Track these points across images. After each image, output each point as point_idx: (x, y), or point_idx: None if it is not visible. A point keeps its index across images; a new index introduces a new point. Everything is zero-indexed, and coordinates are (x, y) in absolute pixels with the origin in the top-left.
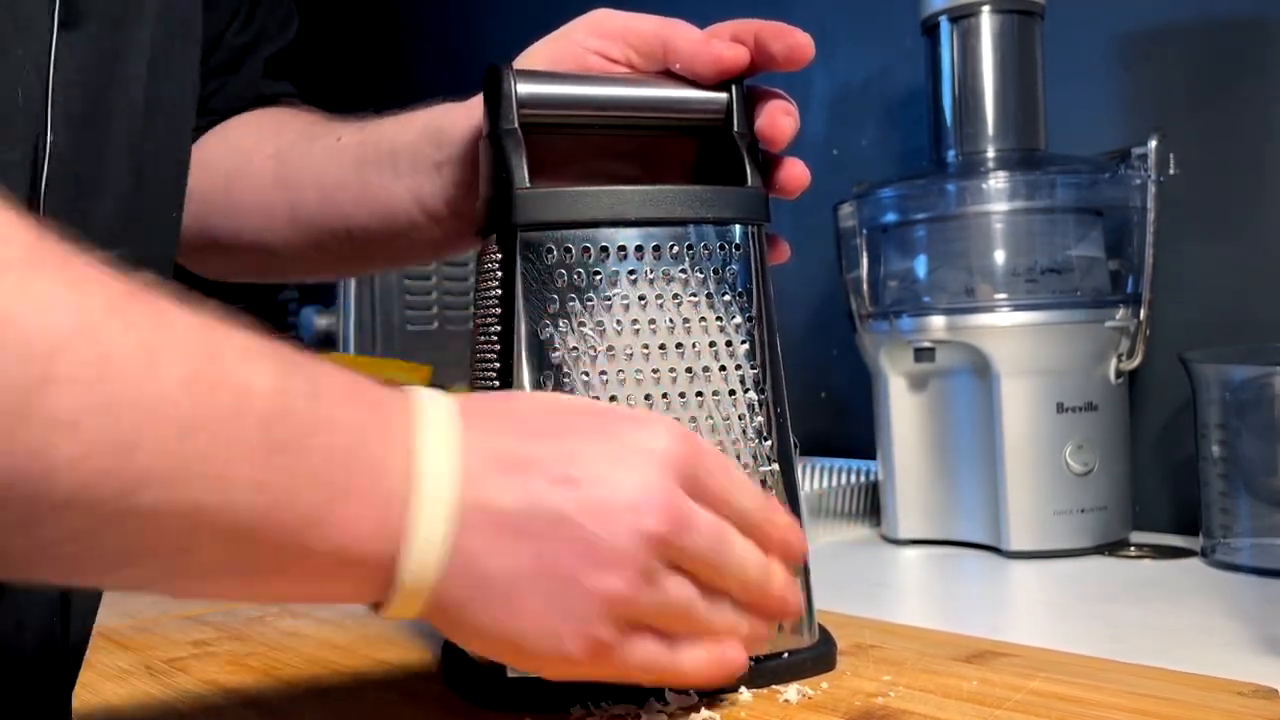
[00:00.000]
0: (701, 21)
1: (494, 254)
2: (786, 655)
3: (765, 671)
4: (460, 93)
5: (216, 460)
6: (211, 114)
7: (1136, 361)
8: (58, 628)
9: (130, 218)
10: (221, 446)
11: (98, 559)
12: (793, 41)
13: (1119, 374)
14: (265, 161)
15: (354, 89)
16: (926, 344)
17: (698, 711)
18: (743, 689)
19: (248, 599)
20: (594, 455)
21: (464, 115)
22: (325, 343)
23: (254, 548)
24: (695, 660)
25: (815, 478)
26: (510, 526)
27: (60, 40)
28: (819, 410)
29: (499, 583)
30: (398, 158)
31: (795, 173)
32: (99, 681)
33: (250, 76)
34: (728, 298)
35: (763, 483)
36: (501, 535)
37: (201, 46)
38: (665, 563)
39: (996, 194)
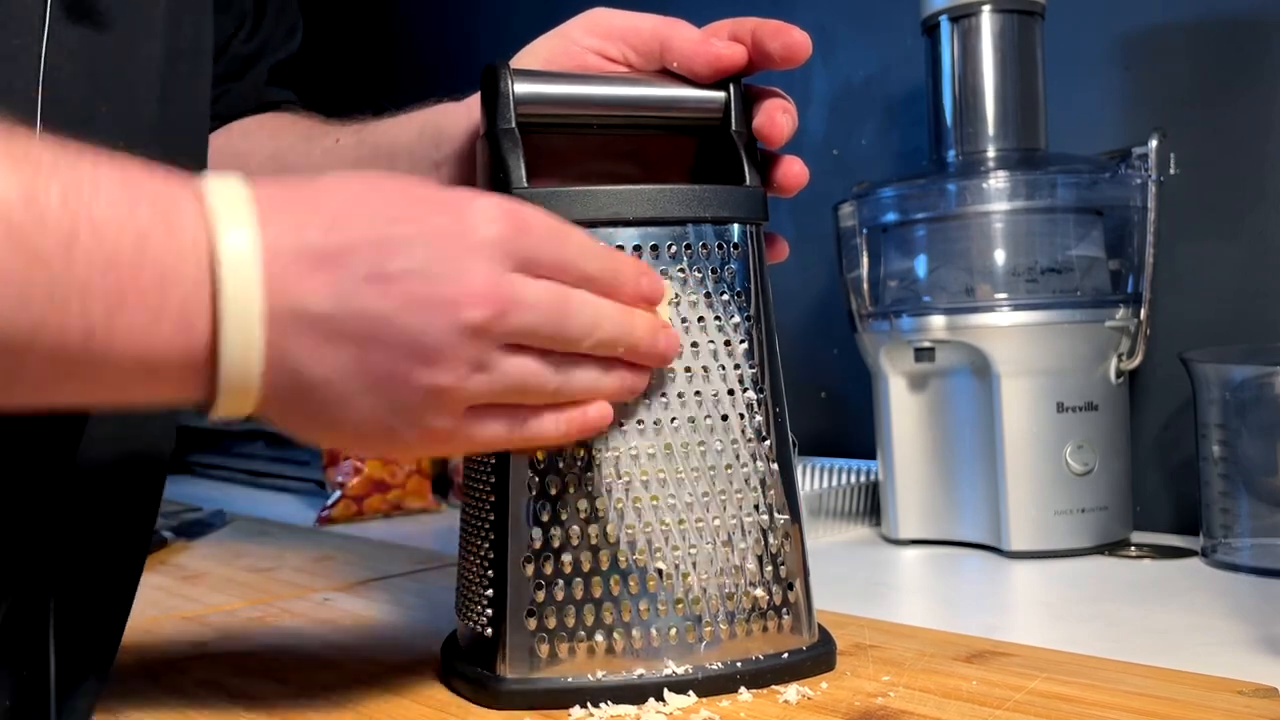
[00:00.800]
0: (700, 20)
1: None
2: (786, 655)
3: (765, 671)
4: (458, 92)
5: None
6: (215, 118)
7: (1137, 361)
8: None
9: None
10: None
11: None
12: (789, 40)
13: (1119, 374)
14: (263, 163)
15: (351, 88)
16: (926, 344)
17: (697, 712)
18: (742, 689)
19: (54, 406)
20: (409, 246)
21: (463, 114)
22: None
23: (34, 362)
24: (551, 424)
25: (815, 478)
26: (326, 330)
27: (54, 33)
28: (819, 410)
29: (322, 387)
30: (396, 158)
31: (793, 170)
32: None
33: (254, 84)
34: (726, 297)
35: (762, 482)
36: (318, 339)
37: None
38: (498, 346)
39: (997, 194)
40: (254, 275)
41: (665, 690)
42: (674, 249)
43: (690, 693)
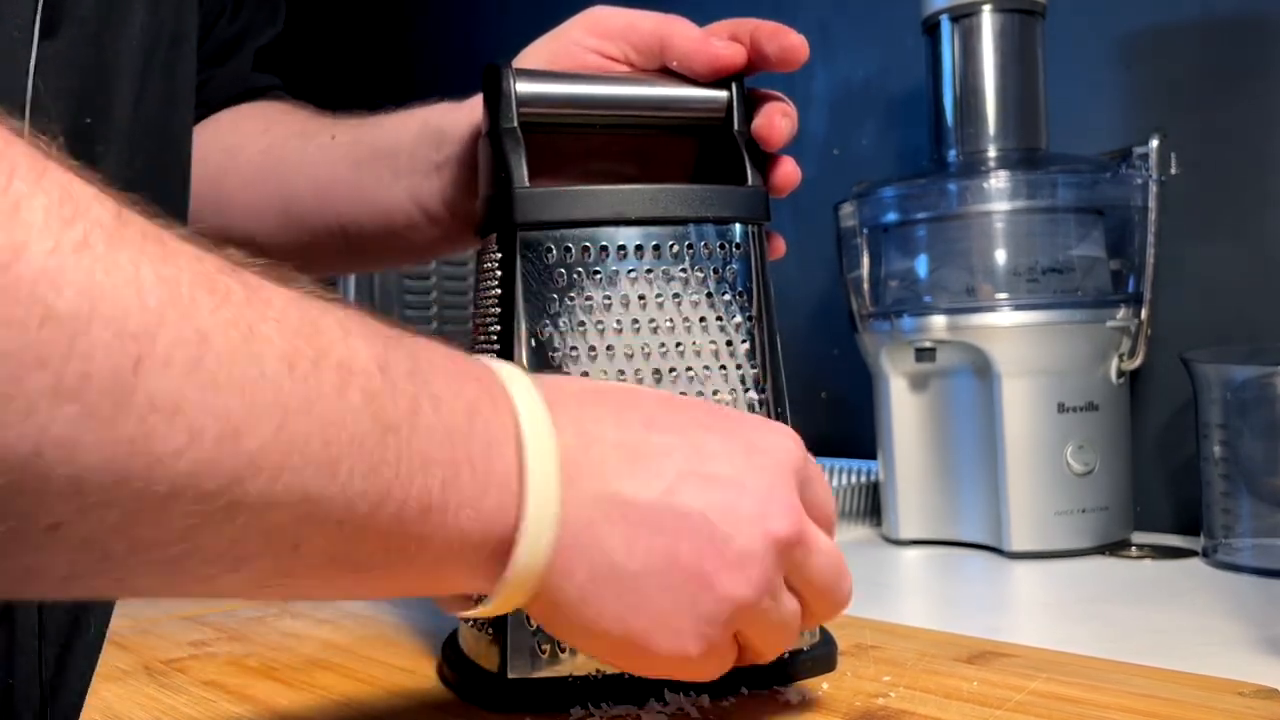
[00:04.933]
0: (700, 19)
1: (494, 253)
2: (786, 655)
3: (765, 672)
4: (456, 93)
5: (325, 444)
6: (200, 106)
7: (1138, 361)
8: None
9: None
10: (330, 428)
11: (203, 561)
12: (787, 43)
13: (1120, 374)
14: (256, 157)
15: (352, 87)
16: (927, 344)
17: (698, 712)
18: (743, 689)
19: (355, 596)
20: (723, 453)
21: (464, 115)
22: None
23: (368, 538)
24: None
25: None
26: (644, 519)
27: (41, 48)
28: (819, 410)
29: (627, 577)
30: (396, 157)
31: (786, 170)
32: (98, 682)
33: (239, 69)
34: (728, 297)
35: None
36: (634, 527)
37: None
38: (785, 575)
39: (997, 193)
40: (550, 443)
41: (665, 690)
42: (675, 249)
43: (690, 693)
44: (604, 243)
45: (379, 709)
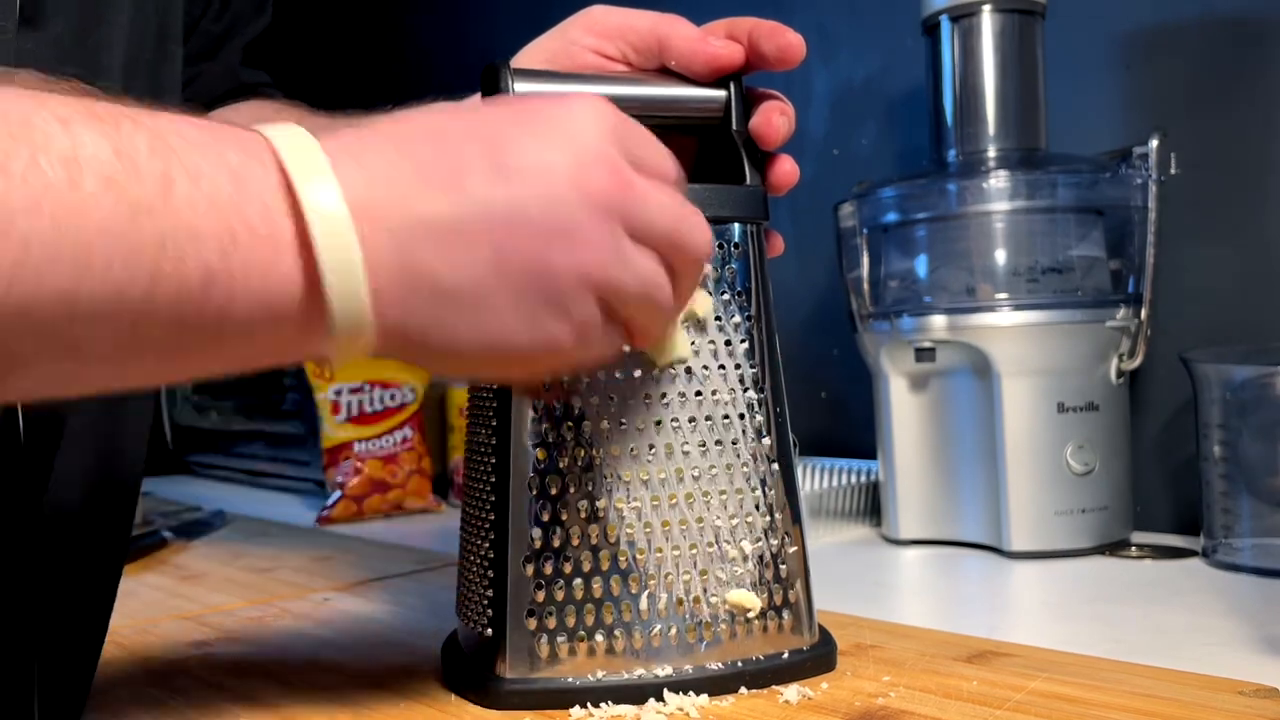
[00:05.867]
0: (699, 18)
1: None
2: (786, 655)
3: (765, 671)
4: (454, 93)
5: (69, 239)
6: (189, 104)
7: (1137, 361)
8: None
9: None
10: (69, 222)
11: None
12: (783, 42)
13: (1120, 374)
14: None
15: (346, 86)
16: (927, 344)
17: (697, 712)
18: (743, 689)
19: (180, 376)
20: (520, 136)
21: None
22: None
23: (156, 321)
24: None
25: (815, 478)
26: (455, 232)
27: (22, 40)
28: (819, 410)
29: (463, 293)
30: None
31: (785, 169)
32: (98, 682)
33: (228, 63)
34: (727, 297)
35: (762, 482)
36: (448, 244)
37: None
38: (627, 235)
39: (997, 194)
40: (333, 188)
41: (665, 690)
42: None
43: (690, 693)
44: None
45: (379, 709)
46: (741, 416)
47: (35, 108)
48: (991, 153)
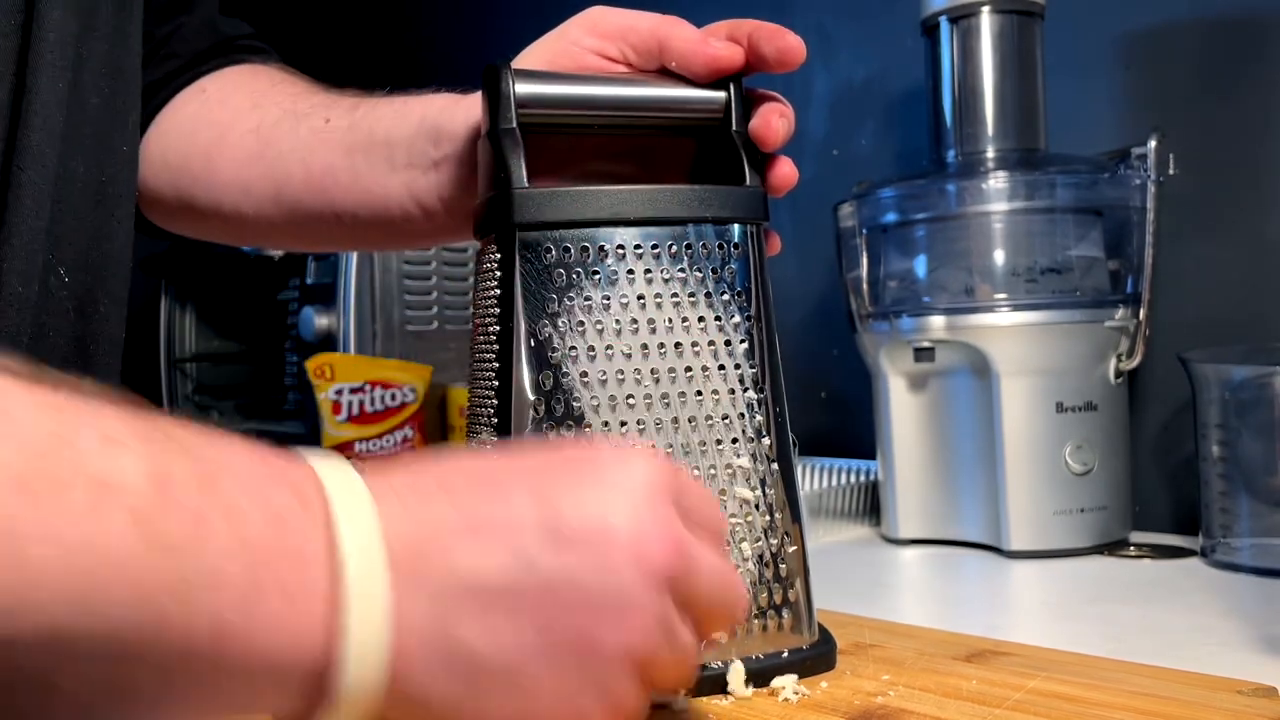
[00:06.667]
0: (699, 20)
1: (493, 254)
2: (786, 654)
3: (765, 670)
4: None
5: (78, 574)
6: (174, 58)
7: (1136, 361)
8: None
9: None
10: (82, 556)
11: None
12: (783, 44)
13: (1119, 374)
14: (246, 136)
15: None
16: (926, 344)
17: (697, 710)
18: (742, 687)
19: None
20: (575, 497)
21: (462, 114)
22: (325, 343)
23: (143, 670)
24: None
25: (815, 478)
26: (500, 600)
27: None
28: (819, 410)
29: (500, 668)
30: (393, 150)
31: (783, 171)
32: None
33: (206, 13)
34: (726, 297)
35: (762, 482)
36: (491, 612)
37: None
38: (676, 604)
39: (996, 194)
40: (371, 539)
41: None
42: (674, 249)
43: (690, 692)
44: (603, 243)
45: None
46: (741, 416)
47: (79, 426)
48: (990, 153)
